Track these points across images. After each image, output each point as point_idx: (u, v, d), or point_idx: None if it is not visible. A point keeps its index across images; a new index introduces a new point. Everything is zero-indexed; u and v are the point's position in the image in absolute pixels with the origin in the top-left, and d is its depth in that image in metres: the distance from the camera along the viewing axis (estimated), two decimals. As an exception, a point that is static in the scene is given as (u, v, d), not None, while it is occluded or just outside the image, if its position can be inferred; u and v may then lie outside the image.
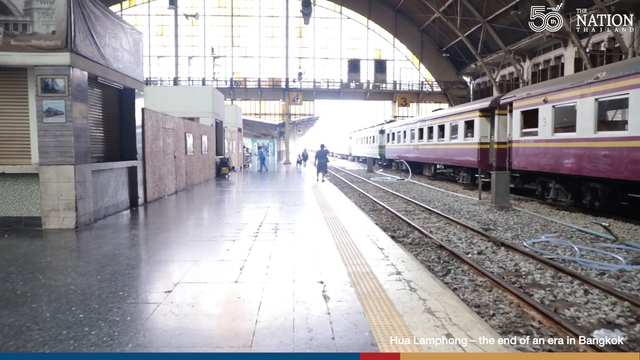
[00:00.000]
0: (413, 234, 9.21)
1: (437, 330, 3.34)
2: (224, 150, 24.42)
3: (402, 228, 9.95)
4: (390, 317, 3.59)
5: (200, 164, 18.39)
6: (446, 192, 17.59)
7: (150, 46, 44.69)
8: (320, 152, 19.23)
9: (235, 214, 9.66)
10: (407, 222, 10.35)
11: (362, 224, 8.17)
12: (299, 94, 38.65)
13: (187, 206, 11.26)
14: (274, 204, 11.35)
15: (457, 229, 9.76)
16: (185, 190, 15.25)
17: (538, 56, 32.95)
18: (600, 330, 4.51)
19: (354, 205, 11.41)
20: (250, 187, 16.71)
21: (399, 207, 13.49)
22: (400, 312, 3.68)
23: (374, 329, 3.37)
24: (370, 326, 3.41)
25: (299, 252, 5.96)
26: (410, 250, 7.84)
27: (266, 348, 3.08)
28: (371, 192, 17.79)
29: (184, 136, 15.86)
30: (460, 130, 18.54)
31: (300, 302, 3.95)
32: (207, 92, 21.42)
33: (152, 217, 9.40)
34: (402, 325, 3.42)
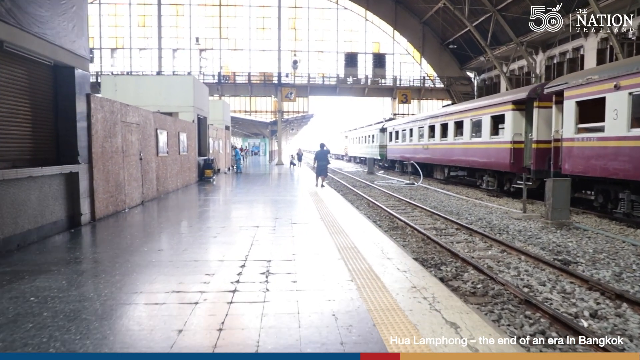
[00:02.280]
0: (468, 273, 6.34)
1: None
2: (209, 151, 21.46)
3: (445, 260, 7.08)
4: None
5: (178, 166, 15.45)
6: (471, 200, 14.79)
7: (131, 38, 41.49)
8: (320, 153, 16.35)
9: (210, 240, 6.73)
10: (449, 249, 7.50)
11: (391, 256, 5.45)
12: (292, 89, 35.68)
13: (148, 226, 8.31)
14: (265, 221, 8.46)
15: (523, 262, 6.93)
16: (156, 199, 12.32)
17: (553, 48, 30.35)
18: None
19: (368, 221, 8.61)
20: (237, 195, 13.78)
21: (424, 222, 10.65)
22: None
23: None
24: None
25: (308, 332, 3.12)
26: (480, 306, 4.99)
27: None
28: (381, 200, 14.94)
29: (154, 133, 12.92)
30: (485, 126, 15.76)
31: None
32: (187, 83, 18.43)
33: (88, 248, 6.45)
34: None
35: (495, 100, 15.22)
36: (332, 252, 5.91)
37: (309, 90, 41.54)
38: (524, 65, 34.07)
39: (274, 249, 6.10)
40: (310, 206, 10.69)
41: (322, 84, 41.84)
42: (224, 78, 40.67)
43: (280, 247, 6.28)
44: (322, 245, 6.36)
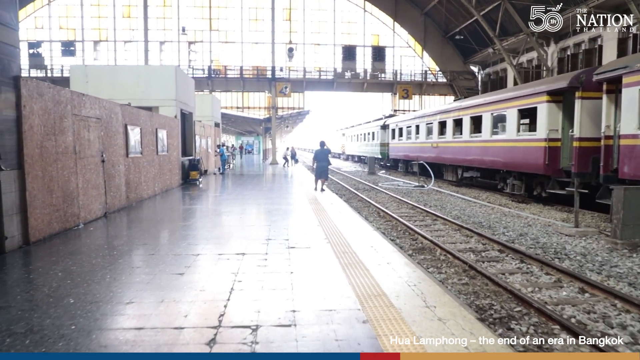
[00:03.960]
0: (559, 339, 4.21)
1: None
2: (195, 150, 19.27)
3: (511, 310, 4.96)
4: None
5: (155, 168, 13.29)
6: (496, 207, 12.71)
7: (115, 30, 38.98)
8: (320, 153, 14.24)
9: (172, 282, 4.57)
10: (508, 289, 5.39)
11: (444, 314, 3.49)
12: (287, 84, 33.47)
13: (97, 252, 6.10)
14: (254, 244, 6.34)
15: (624, 312, 4.83)
16: (125, 209, 10.20)
17: (566, 39, 28.35)
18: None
19: (385, 240, 6.69)
20: (223, 202, 11.61)
21: (453, 239, 8.54)
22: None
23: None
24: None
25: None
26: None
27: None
28: (392, 208, 12.84)
29: (122, 130, 10.77)
30: (511, 122, 13.67)
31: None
32: (169, 74, 16.21)
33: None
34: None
35: (524, 92, 13.12)
36: (351, 304, 3.87)
37: (305, 85, 39.30)
38: (533, 58, 32.07)
39: (263, 301, 4.01)
40: (310, 218, 8.60)
41: (319, 78, 39.60)
42: (214, 72, 38.31)
43: (274, 295, 4.19)
44: (335, 290, 4.29)
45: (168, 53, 38.74)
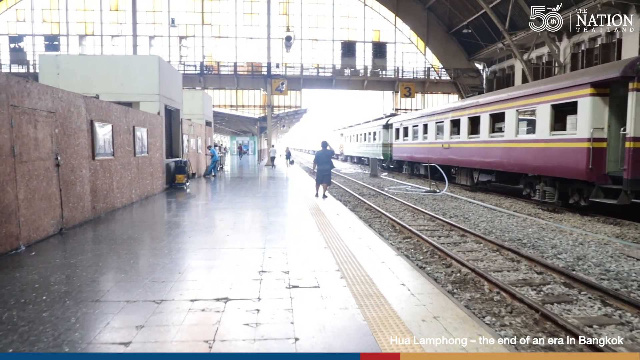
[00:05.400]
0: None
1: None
2: (182, 151, 17.41)
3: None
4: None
5: (132, 172, 11.46)
6: (530, 219, 10.92)
7: (102, 23, 36.94)
8: (322, 155, 12.47)
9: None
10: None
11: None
12: (283, 80, 31.64)
13: (19, 298, 4.26)
14: (241, 280, 4.52)
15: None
16: (90, 223, 8.41)
17: (581, 33, 26.67)
18: None
19: (414, 269, 4.91)
20: (210, 212, 9.75)
21: (498, 265, 6.73)
22: None
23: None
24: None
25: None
26: None
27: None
28: (407, 219, 11.04)
29: (87, 127, 8.95)
30: (542, 119, 11.90)
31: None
32: (151, 65, 14.32)
33: None
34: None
35: (560, 84, 11.33)
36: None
37: (302, 82, 37.42)
38: (543, 54, 30.41)
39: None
40: (315, 237, 6.84)
41: (317, 75, 37.74)
42: (207, 69, 36.38)
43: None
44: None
45: (158, 48, 36.75)
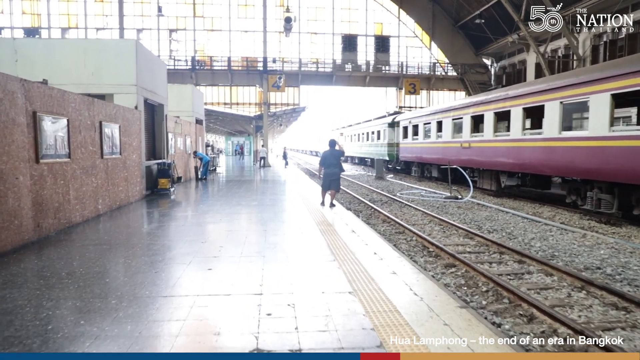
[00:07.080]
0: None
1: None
2: (167, 152, 15.23)
3: None
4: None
5: (99, 178, 9.31)
6: (590, 234, 8.82)
7: (86, 15, 34.62)
8: (329, 156, 10.33)
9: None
10: None
11: None
12: (281, 75, 29.51)
13: None
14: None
15: None
16: (31, 246, 6.24)
17: (603, 23, 24.65)
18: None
19: (484, 327, 2.75)
20: (193, 230, 7.49)
21: (594, 313, 4.60)
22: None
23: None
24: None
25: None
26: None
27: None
28: (439, 236, 8.90)
29: (27, 121, 6.82)
30: (598, 113, 9.80)
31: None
32: (127, 51, 12.12)
33: None
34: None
35: (622, 69, 9.22)
36: None
37: (300, 78, 35.23)
38: (559, 47, 28.43)
39: None
40: (331, 273, 4.70)
41: (316, 71, 35.55)
42: (199, 64, 34.14)
43: None
44: None
45: (146, 42, 34.41)
